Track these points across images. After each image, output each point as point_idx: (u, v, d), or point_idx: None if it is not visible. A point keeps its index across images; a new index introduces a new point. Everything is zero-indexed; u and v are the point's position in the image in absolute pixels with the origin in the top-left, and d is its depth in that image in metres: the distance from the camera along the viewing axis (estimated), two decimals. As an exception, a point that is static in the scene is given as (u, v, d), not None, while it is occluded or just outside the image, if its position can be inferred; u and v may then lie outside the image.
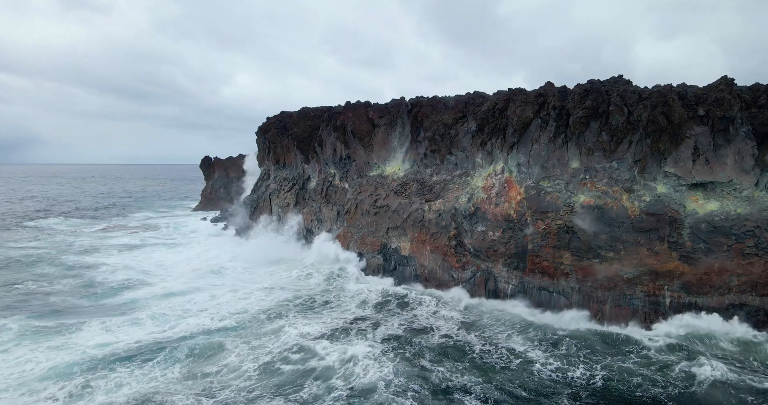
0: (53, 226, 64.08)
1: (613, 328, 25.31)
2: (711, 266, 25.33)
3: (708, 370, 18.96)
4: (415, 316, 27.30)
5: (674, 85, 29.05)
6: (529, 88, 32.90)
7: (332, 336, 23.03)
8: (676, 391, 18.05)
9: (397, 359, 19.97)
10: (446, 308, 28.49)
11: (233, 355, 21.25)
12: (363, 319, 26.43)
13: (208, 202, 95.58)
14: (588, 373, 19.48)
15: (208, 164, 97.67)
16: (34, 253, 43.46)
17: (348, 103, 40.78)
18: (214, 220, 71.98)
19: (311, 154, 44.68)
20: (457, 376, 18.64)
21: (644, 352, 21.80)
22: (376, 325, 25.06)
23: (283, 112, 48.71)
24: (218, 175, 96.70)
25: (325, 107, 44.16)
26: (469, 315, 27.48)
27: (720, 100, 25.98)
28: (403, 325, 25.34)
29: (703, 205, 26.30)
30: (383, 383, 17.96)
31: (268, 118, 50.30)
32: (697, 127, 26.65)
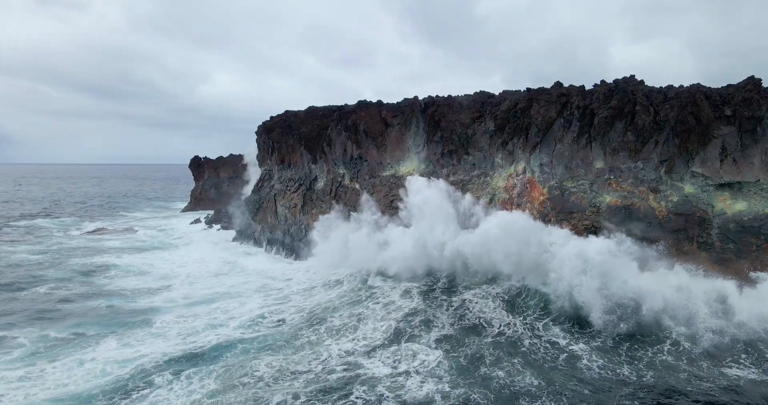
0: (44, 226, 61.95)
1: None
2: (741, 266, 25.44)
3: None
4: (464, 301, 26.84)
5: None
6: (505, 89, 33.69)
7: (383, 345, 22.19)
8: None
9: (453, 366, 19.43)
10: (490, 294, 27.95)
11: (270, 367, 20.22)
12: (412, 314, 25.60)
13: (198, 202, 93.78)
14: (634, 370, 19.31)
15: (197, 164, 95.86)
16: (34, 257, 41.69)
17: (360, 102, 40.15)
18: (209, 222, 70.46)
19: (319, 154, 43.88)
20: (518, 379, 18.17)
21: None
22: (427, 324, 24.18)
23: (287, 112, 47.79)
24: (208, 176, 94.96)
25: (335, 106, 43.44)
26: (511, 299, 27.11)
27: (748, 100, 26.04)
28: (453, 323, 24.55)
29: (730, 205, 26.36)
30: (440, 396, 17.40)
31: (271, 118, 49.34)
32: (724, 127, 26.71)
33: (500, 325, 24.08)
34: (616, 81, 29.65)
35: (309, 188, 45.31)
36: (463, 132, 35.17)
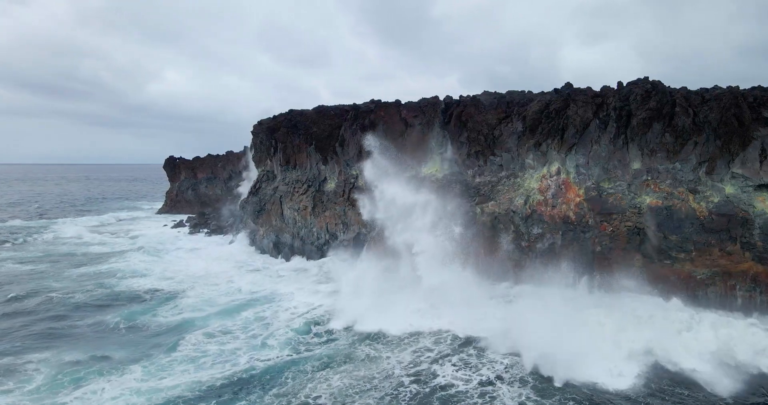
0: (16, 230, 57.20)
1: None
2: (783, 265, 25.95)
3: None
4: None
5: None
6: (464, 90, 33.45)
7: (454, 349, 21.13)
8: None
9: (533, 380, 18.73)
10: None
11: (331, 390, 18.54)
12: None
13: (174, 204, 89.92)
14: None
15: (173, 165, 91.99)
16: (26, 267, 38.25)
17: (378, 101, 38.97)
18: (194, 225, 67.27)
19: (330, 155, 42.37)
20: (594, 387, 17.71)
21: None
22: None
23: (292, 111, 45.96)
24: (185, 177, 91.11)
25: (348, 106, 42.06)
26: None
27: (787, 102, 26.60)
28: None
29: (770, 206, 26.86)
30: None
31: (274, 117, 47.44)
32: (762, 128, 27.18)
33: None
34: (653, 82, 29.75)
35: (318, 190, 43.71)
36: (490, 133, 34.61)
